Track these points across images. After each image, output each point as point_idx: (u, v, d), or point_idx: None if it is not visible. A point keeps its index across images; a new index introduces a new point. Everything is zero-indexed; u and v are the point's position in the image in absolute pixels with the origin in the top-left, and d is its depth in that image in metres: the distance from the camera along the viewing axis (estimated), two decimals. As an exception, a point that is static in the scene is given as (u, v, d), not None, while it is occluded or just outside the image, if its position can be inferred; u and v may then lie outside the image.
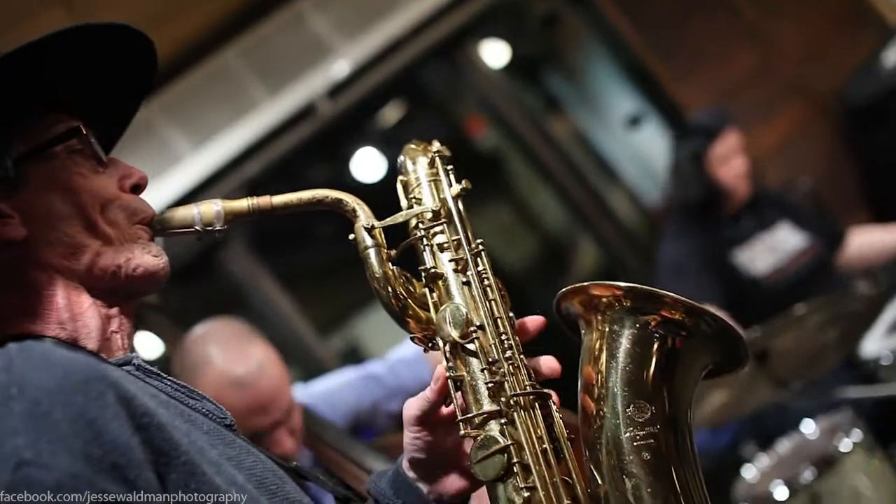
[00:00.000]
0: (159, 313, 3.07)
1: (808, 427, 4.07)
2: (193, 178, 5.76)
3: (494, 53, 7.00)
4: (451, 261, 1.66)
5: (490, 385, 1.57)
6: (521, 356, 1.61)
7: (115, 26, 1.58)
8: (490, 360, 1.58)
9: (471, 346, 1.59)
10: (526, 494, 1.52)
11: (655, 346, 1.62)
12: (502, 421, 1.55)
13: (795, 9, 6.55)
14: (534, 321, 1.65)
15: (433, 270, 1.66)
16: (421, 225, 1.69)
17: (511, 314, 1.64)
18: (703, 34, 6.48)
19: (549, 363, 1.63)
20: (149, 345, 3.31)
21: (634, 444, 1.56)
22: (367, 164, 6.91)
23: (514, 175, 7.75)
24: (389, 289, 1.61)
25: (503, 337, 1.61)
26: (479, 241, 1.68)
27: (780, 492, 3.71)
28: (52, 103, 1.57)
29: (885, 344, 4.23)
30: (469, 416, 1.57)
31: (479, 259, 1.67)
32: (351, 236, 1.64)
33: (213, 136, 5.80)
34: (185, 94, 5.60)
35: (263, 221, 1.67)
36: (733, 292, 4.77)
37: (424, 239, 1.68)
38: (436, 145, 1.79)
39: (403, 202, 1.74)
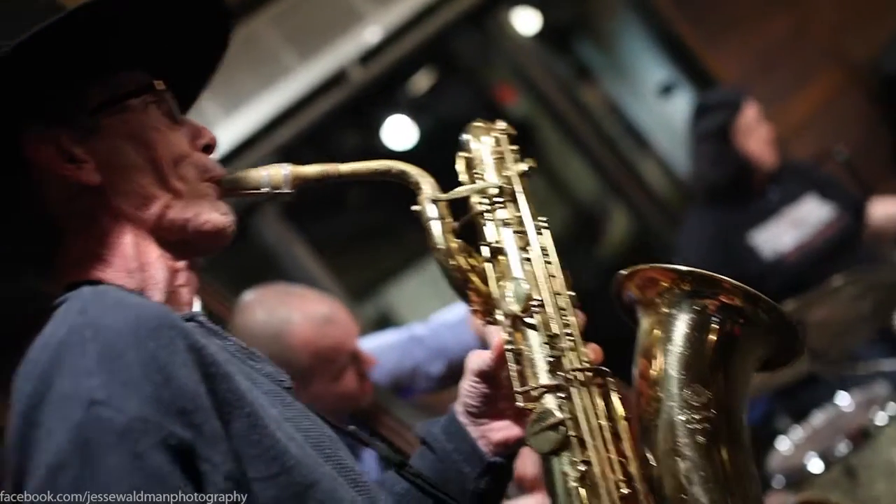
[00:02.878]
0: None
1: (843, 400, 4.05)
2: (224, 144, 5.74)
3: (526, 21, 6.96)
4: (513, 236, 1.66)
5: (549, 359, 1.57)
6: (579, 335, 1.60)
7: None
8: (549, 335, 1.58)
9: (530, 321, 1.60)
10: (581, 468, 1.51)
11: (713, 330, 1.62)
12: (560, 395, 1.55)
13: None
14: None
15: (495, 245, 1.66)
16: (485, 200, 1.70)
17: (571, 292, 1.64)
18: (737, 1, 6.42)
19: (595, 350, 1.62)
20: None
21: (689, 426, 1.56)
22: (398, 132, 6.90)
23: (545, 144, 7.72)
24: (451, 261, 1.63)
25: (563, 313, 1.61)
26: (542, 218, 1.69)
27: (815, 464, 3.70)
28: (132, 60, 1.61)
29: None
30: (526, 389, 1.57)
31: (541, 236, 1.67)
32: (415, 207, 1.66)
33: (244, 102, 5.79)
34: (217, 61, 5.57)
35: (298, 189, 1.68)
36: (753, 275, 4.74)
37: (488, 214, 1.69)
38: (501, 124, 1.81)
39: (465, 178, 1.75)
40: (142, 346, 1.29)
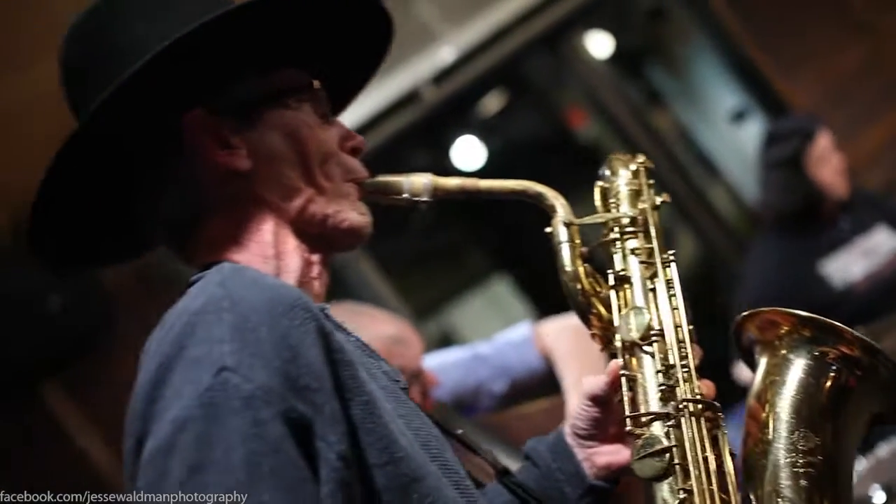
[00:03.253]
0: None
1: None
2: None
3: (599, 44, 6.96)
4: (640, 266, 1.71)
5: (662, 388, 1.60)
6: (695, 369, 1.63)
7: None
8: (665, 364, 1.62)
9: (648, 349, 1.63)
10: (682, 496, 1.54)
11: (829, 379, 1.64)
12: (669, 423, 1.58)
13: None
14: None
15: (622, 273, 1.71)
16: (616, 229, 1.74)
17: (691, 326, 1.67)
18: (812, 29, 6.38)
19: (709, 386, 1.65)
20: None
21: (794, 469, 1.58)
22: (467, 152, 6.93)
23: (614, 168, 7.68)
24: (577, 284, 1.67)
25: (681, 345, 1.64)
26: (671, 252, 1.73)
27: (879, 496, 3.66)
28: (294, 59, 1.70)
29: None
30: (637, 414, 1.61)
31: (668, 269, 1.72)
32: (547, 229, 1.71)
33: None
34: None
35: (370, 206, 1.74)
36: (821, 304, 4.69)
37: (618, 242, 1.74)
38: (640, 157, 1.87)
39: (599, 207, 1.80)
40: (275, 323, 1.34)
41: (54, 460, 5.07)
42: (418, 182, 1.73)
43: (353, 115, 5.85)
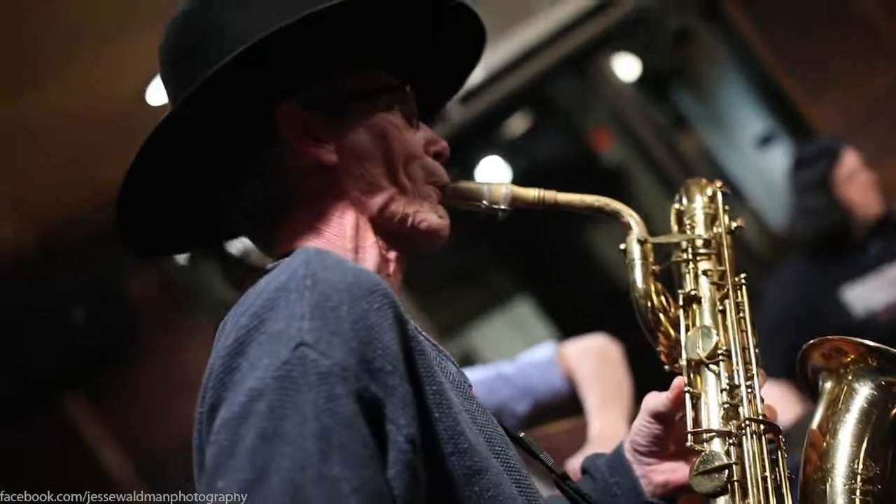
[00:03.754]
0: None
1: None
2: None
3: (625, 67, 6.98)
4: (711, 287, 1.72)
5: (725, 407, 1.61)
6: (759, 391, 1.64)
7: (459, 2, 1.73)
8: (730, 384, 1.62)
9: (713, 367, 1.64)
10: None
11: (892, 410, 1.64)
12: (730, 441, 1.58)
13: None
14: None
15: (692, 293, 1.72)
16: (690, 249, 1.76)
17: (757, 350, 1.68)
18: (840, 54, 6.37)
19: (771, 409, 1.65)
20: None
21: (851, 496, 1.58)
22: (493, 172, 6.94)
23: (639, 191, 7.71)
24: (648, 302, 1.69)
25: (747, 367, 1.64)
26: (742, 275, 1.74)
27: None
28: (388, 62, 1.73)
29: None
30: (698, 430, 1.61)
31: (738, 291, 1.72)
32: (622, 246, 1.73)
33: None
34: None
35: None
36: (840, 330, 4.62)
37: (691, 263, 1.75)
38: (718, 183, 1.88)
39: (675, 228, 1.82)
40: (355, 304, 1.36)
41: (75, 471, 5.09)
42: (498, 190, 1.74)
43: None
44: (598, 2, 6.22)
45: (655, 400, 1.70)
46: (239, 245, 3.06)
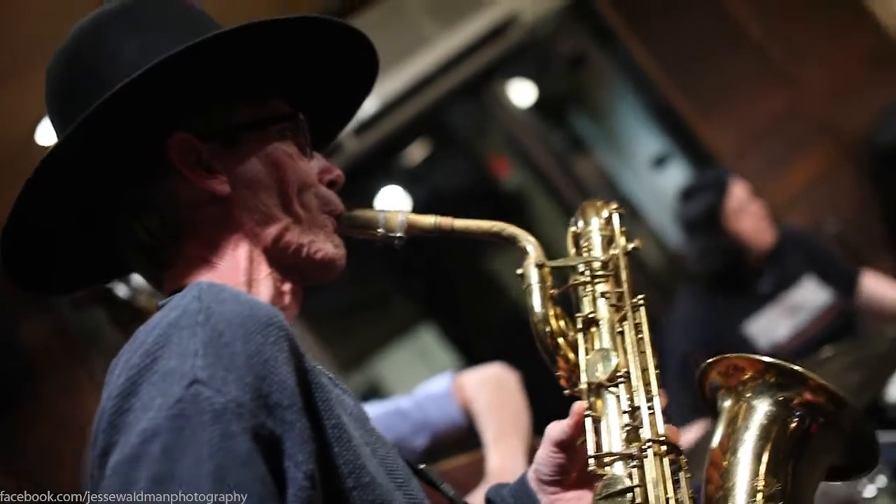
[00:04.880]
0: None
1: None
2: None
3: (521, 93, 7.01)
4: (610, 309, 1.71)
5: (626, 429, 1.59)
6: (660, 412, 1.62)
7: (351, 30, 1.72)
8: (630, 406, 1.61)
9: (614, 390, 1.62)
10: None
11: (791, 425, 1.64)
12: (632, 464, 1.57)
13: (824, 50, 6.54)
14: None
15: (591, 316, 1.70)
16: (588, 272, 1.75)
17: (657, 370, 1.67)
18: (731, 75, 6.48)
19: (673, 431, 1.63)
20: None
21: None
22: (392, 202, 6.92)
23: (539, 216, 7.75)
24: (546, 326, 1.68)
25: (647, 388, 1.63)
26: (641, 296, 1.72)
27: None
28: (280, 90, 1.71)
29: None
30: (600, 454, 1.59)
31: (637, 312, 1.71)
32: (518, 271, 1.72)
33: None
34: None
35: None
36: None
37: (588, 285, 1.74)
38: (613, 204, 1.87)
39: (572, 251, 1.81)
40: (250, 339, 1.33)
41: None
42: (394, 218, 1.73)
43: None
44: (491, 28, 6.24)
45: (556, 428, 1.68)
46: (125, 288, 2.99)
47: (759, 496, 1.58)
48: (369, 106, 5.99)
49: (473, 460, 2.97)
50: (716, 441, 1.67)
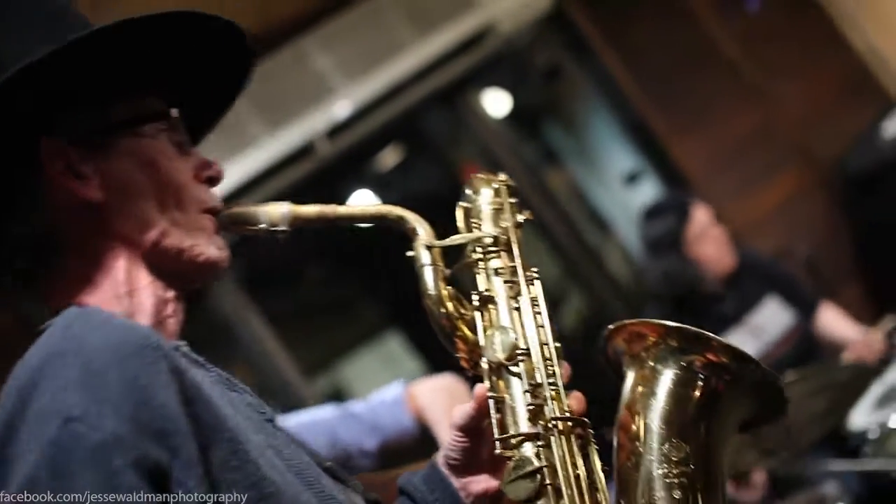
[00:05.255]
0: None
1: (794, 499, 4.02)
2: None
3: (496, 103, 7.00)
4: (504, 285, 1.68)
5: (530, 408, 1.58)
6: (563, 386, 1.62)
7: (225, 22, 1.64)
8: (532, 384, 1.59)
9: (514, 369, 1.60)
10: None
11: (697, 386, 1.64)
12: (539, 444, 1.56)
13: (798, 71, 6.57)
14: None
15: (486, 294, 1.67)
16: (479, 249, 1.72)
17: (557, 343, 1.65)
18: (706, 94, 6.50)
19: (578, 399, 1.62)
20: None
21: (666, 480, 1.58)
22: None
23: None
24: (441, 308, 1.64)
25: (547, 363, 1.62)
26: (534, 269, 1.71)
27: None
28: (150, 87, 1.63)
29: (874, 418, 4.19)
30: (506, 436, 1.58)
31: (531, 286, 1.69)
32: (409, 253, 1.68)
33: (209, 169, 5.70)
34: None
35: (255, 258, 1.69)
36: None
37: (481, 263, 1.71)
38: (502, 176, 1.84)
39: (462, 228, 1.77)
40: (124, 366, 1.27)
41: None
42: (276, 211, 1.68)
43: (246, 168, 5.82)
44: (468, 37, 6.23)
45: (460, 413, 1.67)
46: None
47: (671, 462, 1.58)
48: (343, 109, 5.97)
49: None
50: (624, 407, 1.67)
